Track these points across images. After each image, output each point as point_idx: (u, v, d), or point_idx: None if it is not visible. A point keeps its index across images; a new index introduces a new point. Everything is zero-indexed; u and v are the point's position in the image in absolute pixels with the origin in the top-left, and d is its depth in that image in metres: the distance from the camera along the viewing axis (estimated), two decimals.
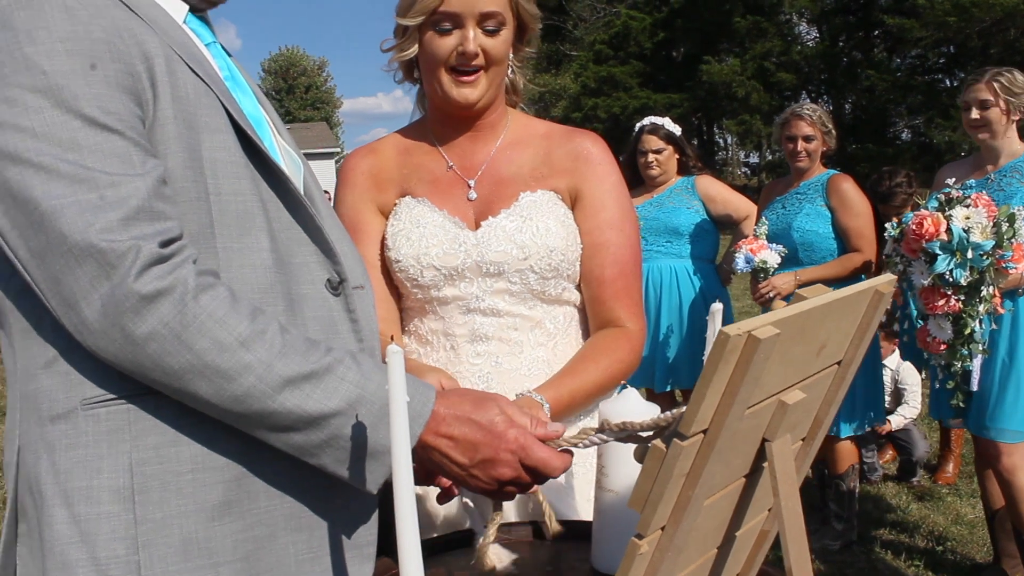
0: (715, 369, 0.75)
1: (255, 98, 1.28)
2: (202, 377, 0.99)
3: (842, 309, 0.97)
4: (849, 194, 3.92)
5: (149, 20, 1.10)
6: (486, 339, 1.63)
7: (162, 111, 1.05)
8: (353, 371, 1.05)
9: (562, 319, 1.66)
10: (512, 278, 1.60)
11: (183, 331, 0.97)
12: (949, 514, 4.50)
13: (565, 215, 1.63)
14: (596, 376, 1.55)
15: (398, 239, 1.64)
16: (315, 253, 1.19)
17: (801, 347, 0.91)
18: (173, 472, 1.04)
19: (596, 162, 1.65)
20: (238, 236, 1.10)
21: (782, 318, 0.81)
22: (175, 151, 1.06)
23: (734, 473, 0.95)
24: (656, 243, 4.37)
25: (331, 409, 1.03)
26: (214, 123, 1.11)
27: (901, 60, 27.85)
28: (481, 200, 1.65)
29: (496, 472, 1.12)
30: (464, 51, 1.53)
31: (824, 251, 3.93)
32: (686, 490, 0.83)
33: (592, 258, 1.63)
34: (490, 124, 1.67)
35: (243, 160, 1.13)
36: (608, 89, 30.82)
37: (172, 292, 0.97)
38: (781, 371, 0.89)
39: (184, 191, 1.06)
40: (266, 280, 1.11)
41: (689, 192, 4.40)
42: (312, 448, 1.05)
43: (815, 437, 1.12)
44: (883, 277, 1.06)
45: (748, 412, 0.85)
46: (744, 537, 1.10)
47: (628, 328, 1.62)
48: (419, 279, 1.62)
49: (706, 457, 0.81)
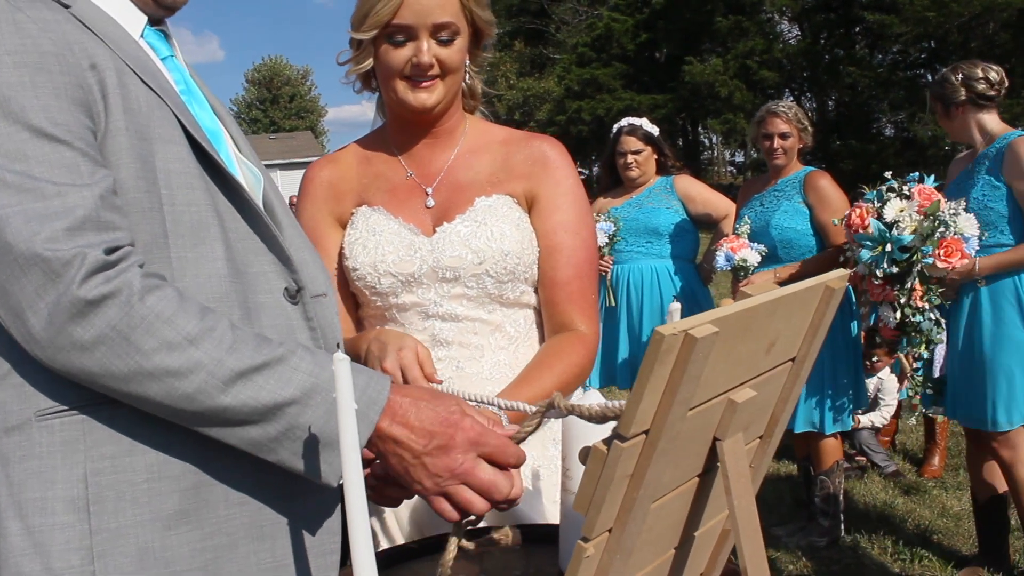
0: (651, 369, 0.75)
1: (212, 111, 1.29)
2: (152, 378, 0.99)
3: (791, 306, 0.97)
4: (826, 190, 3.93)
5: (102, 35, 1.10)
6: (447, 344, 1.63)
7: (114, 123, 1.06)
8: (307, 361, 1.05)
9: (522, 322, 1.67)
10: (468, 283, 1.60)
11: (131, 332, 0.97)
12: (935, 507, 4.51)
13: (520, 219, 1.63)
14: (552, 382, 1.54)
15: (355, 248, 1.65)
16: (272, 263, 1.19)
17: (748, 345, 0.91)
18: (128, 482, 1.04)
19: (553, 166, 1.65)
20: (192, 245, 1.10)
21: (722, 316, 0.80)
22: (127, 162, 1.06)
23: (685, 473, 0.94)
24: (636, 243, 4.37)
25: (285, 398, 1.03)
26: (167, 134, 1.11)
27: (882, 56, 28.00)
28: (439, 207, 1.65)
29: (449, 459, 1.08)
30: (419, 63, 1.54)
31: (803, 248, 3.94)
32: (631, 491, 0.82)
33: (546, 260, 1.63)
34: (448, 130, 1.67)
35: (197, 171, 1.13)
36: (592, 91, 30.88)
37: (118, 295, 0.97)
38: (727, 369, 0.89)
39: (136, 201, 1.06)
40: (221, 289, 1.11)
41: (668, 192, 4.40)
42: (268, 442, 1.04)
43: (772, 435, 1.12)
44: (833, 272, 1.06)
45: (693, 412, 0.85)
46: (704, 537, 1.10)
47: (581, 331, 1.62)
48: (377, 286, 1.63)
49: (649, 458, 0.80)
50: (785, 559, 3.93)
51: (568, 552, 1.31)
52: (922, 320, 3.17)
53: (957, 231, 3.11)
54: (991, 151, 3.32)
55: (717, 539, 1.14)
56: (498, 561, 1.41)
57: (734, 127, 28.45)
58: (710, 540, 1.13)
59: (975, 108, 3.37)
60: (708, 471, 0.99)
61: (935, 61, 25.90)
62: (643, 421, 0.78)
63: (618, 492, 0.81)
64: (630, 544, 0.86)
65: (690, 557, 1.08)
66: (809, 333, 1.05)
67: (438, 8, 1.52)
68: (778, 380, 1.06)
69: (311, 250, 1.30)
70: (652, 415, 0.79)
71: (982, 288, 3.28)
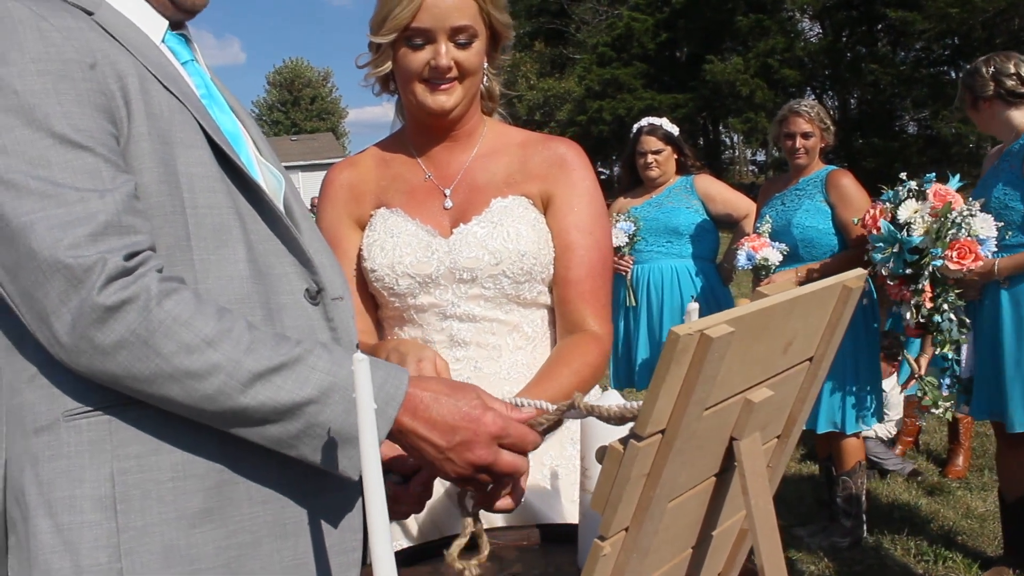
0: (667, 369, 0.75)
1: (233, 115, 1.30)
2: (172, 380, 1.01)
3: (808, 305, 0.97)
4: (848, 189, 3.90)
5: (124, 41, 1.13)
6: (464, 344, 1.64)
7: (136, 128, 1.08)
8: (324, 359, 1.07)
9: (539, 322, 1.67)
10: (486, 283, 1.61)
11: (150, 337, 1.00)
12: (959, 508, 4.46)
13: (536, 219, 1.64)
14: (570, 379, 1.55)
15: (373, 250, 1.67)
16: (293, 264, 1.21)
17: (764, 344, 0.91)
18: (154, 480, 1.06)
19: (570, 168, 1.66)
20: (215, 248, 1.12)
21: (738, 316, 0.81)
22: (150, 166, 1.08)
23: (702, 473, 0.95)
24: (656, 243, 4.36)
25: (304, 398, 1.05)
26: (189, 139, 1.13)
27: (905, 53, 27.70)
28: (456, 208, 1.67)
29: (472, 455, 1.12)
30: (437, 65, 1.55)
31: (825, 247, 3.91)
32: (647, 491, 0.82)
33: (559, 259, 1.64)
34: (466, 133, 1.69)
35: (219, 174, 1.15)
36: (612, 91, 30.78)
37: (136, 300, 0.99)
38: (743, 369, 0.89)
39: (159, 205, 1.08)
40: (243, 290, 1.13)
41: (688, 192, 4.39)
42: (289, 439, 1.06)
43: (790, 434, 1.12)
44: (852, 272, 1.06)
45: (709, 412, 0.85)
46: (721, 537, 1.10)
47: (595, 332, 1.63)
48: (395, 287, 1.64)
49: (665, 457, 0.81)
50: (806, 560, 3.91)
51: (587, 551, 1.32)
52: (942, 320, 3.14)
53: (972, 233, 3.07)
54: (1015, 147, 3.27)
55: (735, 539, 1.14)
56: (518, 561, 1.42)
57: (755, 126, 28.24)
58: (728, 540, 1.13)
59: (1003, 104, 3.31)
60: (725, 471, 0.99)
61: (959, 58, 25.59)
62: (659, 421, 0.79)
63: (634, 491, 0.82)
64: (647, 543, 0.86)
65: (707, 557, 1.08)
66: (827, 333, 1.05)
67: (456, 11, 1.54)
68: (795, 380, 1.06)
69: (329, 253, 1.32)
70: (668, 415, 0.80)
71: (1003, 289, 3.23)
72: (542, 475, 1.63)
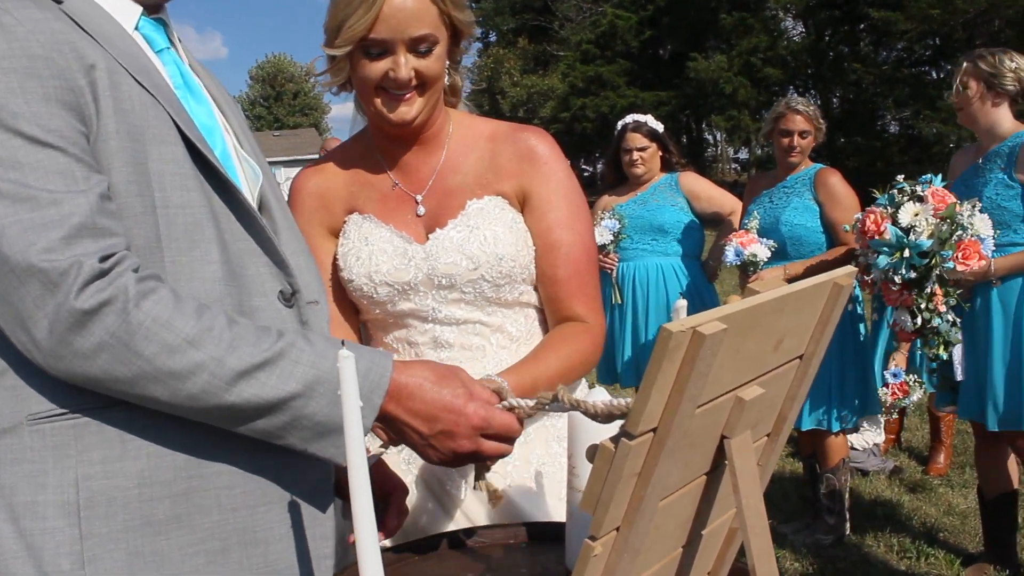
0: (659, 367, 0.74)
1: (212, 104, 1.28)
2: (155, 381, 1.00)
3: (798, 303, 0.96)
4: (837, 188, 3.92)
5: (93, 31, 1.09)
6: (448, 346, 1.63)
7: (105, 125, 1.05)
8: (307, 352, 1.07)
9: (523, 321, 1.66)
10: (465, 288, 1.59)
11: (130, 339, 0.99)
12: (941, 505, 4.50)
13: (514, 220, 1.61)
14: (557, 364, 1.53)
15: (348, 258, 1.64)
16: (267, 265, 1.20)
17: (755, 342, 0.90)
18: (119, 487, 1.05)
19: (542, 161, 1.63)
20: (187, 249, 1.10)
21: (730, 313, 0.80)
22: (119, 165, 1.06)
23: (693, 471, 0.94)
24: (641, 241, 4.37)
25: (288, 393, 1.05)
26: (161, 134, 1.10)
27: (887, 53, 27.91)
28: (430, 214, 1.64)
29: (454, 444, 1.17)
30: (396, 78, 1.49)
31: (812, 245, 3.93)
32: (639, 490, 0.81)
33: (544, 258, 1.62)
34: (432, 136, 1.65)
35: (192, 171, 1.12)
36: (596, 88, 30.84)
37: (114, 302, 0.98)
38: (735, 367, 0.88)
39: (129, 205, 1.06)
40: (216, 292, 1.11)
41: (673, 189, 4.40)
42: (277, 431, 1.07)
43: (780, 432, 1.11)
44: (842, 269, 1.06)
45: (701, 409, 0.84)
46: (711, 536, 1.09)
47: (588, 323, 1.62)
48: (374, 296, 1.62)
49: (657, 456, 0.80)
50: (790, 557, 3.92)
51: (575, 551, 1.31)
52: (940, 322, 3.13)
53: (973, 233, 3.07)
54: (1003, 148, 3.27)
55: (725, 538, 1.14)
56: (503, 560, 1.41)
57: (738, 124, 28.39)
58: (718, 539, 1.12)
59: (1006, 101, 3.29)
60: (716, 469, 0.98)
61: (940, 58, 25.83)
62: (651, 419, 0.78)
63: (626, 490, 0.81)
64: (638, 543, 0.85)
65: (698, 556, 1.07)
66: (817, 330, 1.05)
67: (415, 21, 1.46)
68: (786, 378, 1.05)
69: (306, 255, 1.30)
70: (660, 413, 0.79)
71: (994, 288, 3.25)
72: (528, 473, 1.62)
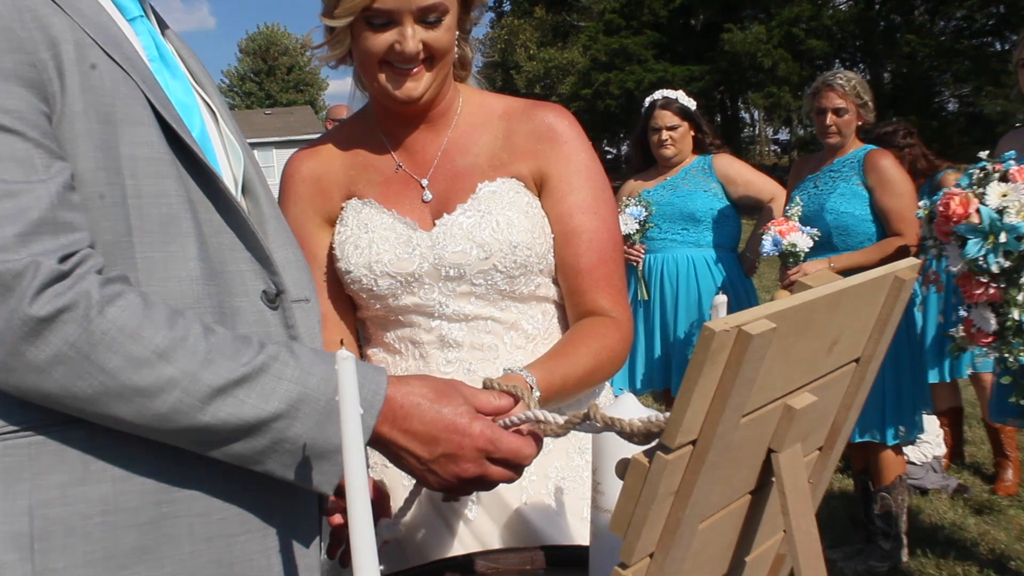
0: (700, 371, 0.73)
1: (189, 80, 1.26)
2: (120, 399, 0.98)
3: (855, 299, 0.95)
4: (889, 172, 3.87)
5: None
6: (457, 346, 1.62)
7: (70, 105, 1.03)
8: (291, 367, 1.05)
9: (541, 318, 1.65)
10: (475, 280, 1.59)
11: (92, 351, 0.96)
12: (1012, 529, 4.45)
13: (529, 204, 1.61)
14: (588, 361, 1.53)
15: (346, 247, 1.63)
16: (250, 261, 1.18)
17: (807, 343, 0.89)
18: (80, 515, 1.02)
19: (562, 140, 1.63)
20: (161, 244, 1.08)
21: (780, 310, 0.79)
22: (86, 150, 1.04)
23: (736, 490, 0.93)
24: (671, 231, 4.35)
25: (270, 413, 1.03)
26: (134, 115, 1.09)
27: (945, 23, 27.73)
28: (437, 199, 1.63)
29: (458, 468, 1.15)
30: (403, 51, 1.49)
31: (861, 235, 3.89)
32: (675, 511, 0.80)
33: (565, 247, 1.62)
34: (440, 113, 1.65)
35: (168, 157, 1.11)
36: (621, 62, 30.80)
37: (74, 309, 0.96)
38: (785, 371, 0.87)
39: (96, 195, 1.04)
40: (194, 293, 1.10)
41: (706, 173, 4.37)
42: (255, 456, 1.05)
43: (834, 446, 1.10)
44: (904, 261, 1.04)
45: (746, 419, 0.83)
46: (756, 563, 1.08)
47: (615, 317, 1.61)
48: (374, 289, 1.62)
49: (696, 472, 0.79)
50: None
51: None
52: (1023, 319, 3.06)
53: None
54: None
55: (771, 565, 1.13)
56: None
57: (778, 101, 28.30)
58: (763, 566, 1.11)
59: None
60: (762, 487, 0.97)
61: (1004, 28, 25.61)
62: (690, 430, 0.77)
63: (661, 511, 0.80)
64: (674, 571, 0.84)
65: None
66: (876, 330, 1.04)
67: None
68: (841, 383, 1.04)
69: (295, 247, 1.28)
70: (700, 423, 0.78)
71: None
72: (546, 490, 1.61)
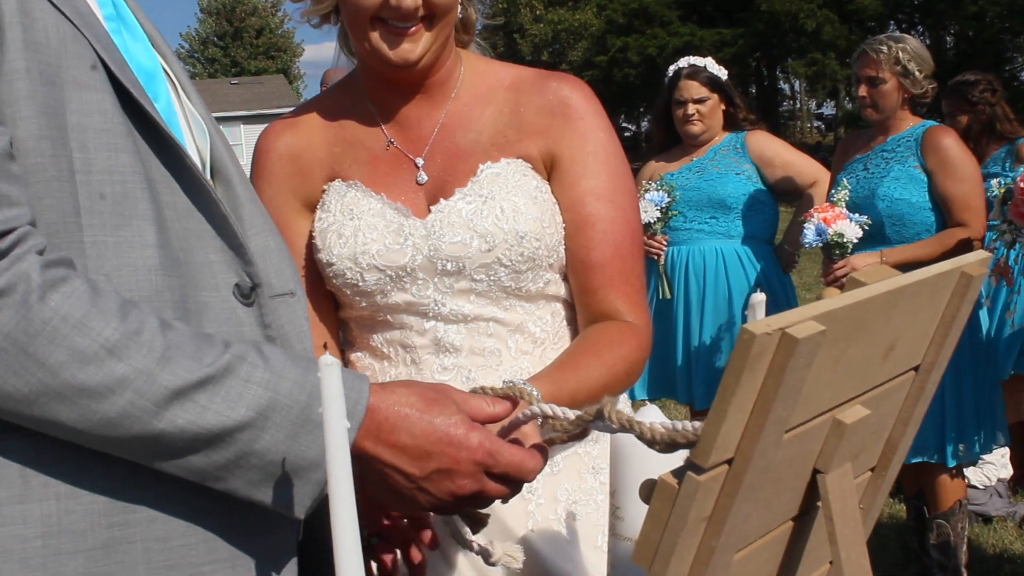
0: (738, 380, 0.74)
1: (150, 45, 1.27)
2: (61, 400, 0.97)
3: (915, 298, 0.96)
4: (952, 152, 3.87)
5: None
6: (455, 350, 1.63)
7: (11, 62, 1.04)
8: (259, 369, 1.05)
9: (549, 320, 1.66)
10: (476, 275, 1.59)
11: (30, 342, 0.96)
12: None
13: (538, 188, 1.62)
14: (601, 374, 1.53)
15: (328, 236, 1.64)
16: (220, 250, 1.18)
17: (860, 349, 0.90)
18: (17, 537, 1.01)
19: (577, 116, 1.64)
20: (113, 227, 1.08)
21: (829, 310, 0.79)
22: (27, 115, 1.04)
23: (777, 516, 0.94)
24: (698, 219, 4.36)
25: (235, 421, 1.02)
26: (84, 78, 1.09)
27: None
28: (433, 181, 1.64)
29: (454, 485, 1.14)
30: (399, 5, 1.49)
31: (918, 225, 3.89)
32: (708, 539, 0.81)
33: (576, 238, 1.63)
34: (439, 82, 1.65)
35: (124, 127, 1.11)
36: (641, 25, 30.81)
37: (11, 293, 0.95)
38: (834, 380, 0.88)
39: (39, 167, 1.04)
40: (151, 284, 1.10)
41: (739, 153, 4.38)
42: (216, 471, 1.04)
43: (888, 466, 1.11)
44: (972, 255, 1.05)
45: (790, 435, 0.84)
46: None
47: (631, 322, 1.62)
48: (360, 284, 1.62)
49: (733, 495, 0.80)
50: None
51: None
52: None
53: None
54: None
55: None
56: None
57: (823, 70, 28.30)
58: None
59: None
60: (805, 513, 0.98)
61: None
62: (726, 447, 0.77)
63: (692, 540, 0.80)
64: None
65: None
66: (938, 334, 1.05)
67: None
68: (897, 395, 1.05)
69: (275, 234, 1.28)
70: (738, 439, 0.78)
71: None
72: (555, 515, 1.62)
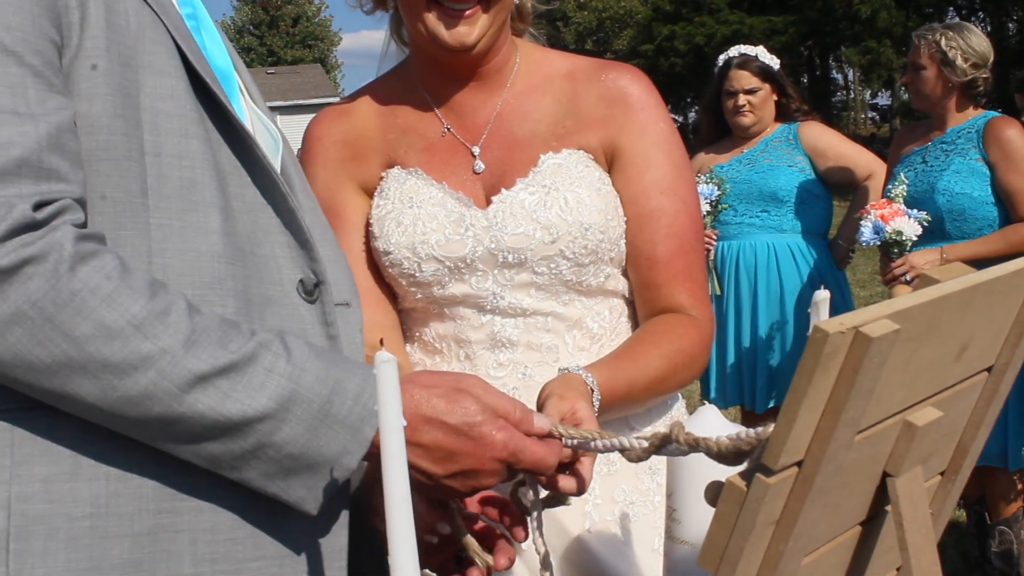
0: (810, 380, 0.74)
1: (227, 50, 1.29)
2: (84, 373, 0.98)
3: (990, 297, 0.95)
4: (1015, 144, 3.83)
5: None
6: (511, 345, 1.64)
7: (91, 40, 1.05)
8: (283, 360, 1.05)
9: (608, 315, 1.67)
10: (538, 267, 1.60)
11: (57, 312, 0.96)
12: None
13: (600, 180, 1.63)
14: (659, 365, 1.55)
15: (386, 224, 1.65)
16: (287, 246, 1.19)
17: (933, 348, 0.90)
18: (65, 515, 1.02)
19: (637, 107, 1.65)
20: (180, 211, 1.09)
21: (903, 309, 0.79)
22: (105, 92, 1.06)
23: (845, 520, 0.94)
24: (749, 213, 4.35)
25: (256, 411, 1.03)
26: (160, 64, 1.11)
27: None
28: (491, 171, 1.66)
29: (478, 483, 1.16)
30: None
31: (980, 221, 3.86)
32: (776, 543, 0.81)
33: (639, 232, 1.64)
34: (494, 69, 1.67)
35: (196, 114, 1.13)
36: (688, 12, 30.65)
37: (43, 261, 0.95)
38: (905, 381, 0.87)
39: (111, 145, 1.06)
40: (213, 272, 1.11)
41: (791, 145, 4.36)
42: (232, 460, 1.05)
43: (959, 470, 1.11)
44: None
45: (861, 437, 0.84)
46: None
47: (694, 316, 1.63)
48: (417, 274, 1.64)
49: (802, 499, 0.80)
50: None
51: None
52: None
53: None
54: None
55: None
56: None
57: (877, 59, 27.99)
58: None
59: None
60: (874, 517, 0.98)
61: None
62: (796, 449, 0.77)
63: (759, 544, 0.80)
64: None
65: None
66: (1014, 334, 1.04)
67: None
68: (969, 396, 1.04)
69: (334, 245, 1.29)
70: (808, 441, 0.78)
71: None
72: (612, 516, 1.63)
